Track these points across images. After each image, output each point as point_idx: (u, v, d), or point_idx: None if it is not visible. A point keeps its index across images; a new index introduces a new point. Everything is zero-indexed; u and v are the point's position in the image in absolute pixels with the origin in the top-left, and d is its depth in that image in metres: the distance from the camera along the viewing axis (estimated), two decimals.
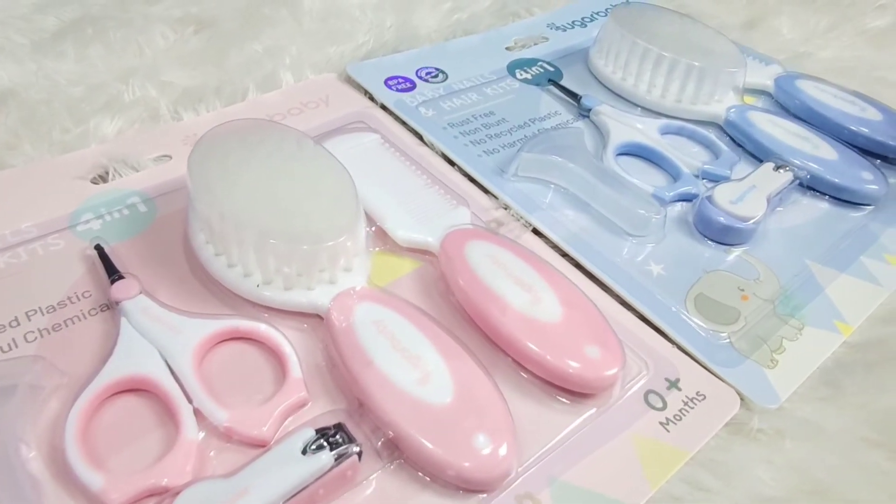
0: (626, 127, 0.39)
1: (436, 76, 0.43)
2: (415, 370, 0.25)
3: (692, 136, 0.41)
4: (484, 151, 0.37)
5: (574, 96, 0.42)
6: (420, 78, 0.42)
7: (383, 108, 0.40)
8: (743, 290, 0.31)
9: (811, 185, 0.37)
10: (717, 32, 0.43)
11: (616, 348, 0.27)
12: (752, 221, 0.33)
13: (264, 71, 0.42)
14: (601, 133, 0.40)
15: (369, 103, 0.40)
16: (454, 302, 0.29)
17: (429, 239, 0.31)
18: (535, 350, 0.26)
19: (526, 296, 0.28)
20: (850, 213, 0.37)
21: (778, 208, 0.36)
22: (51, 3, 0.46)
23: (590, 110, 0.41)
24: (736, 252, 0.33)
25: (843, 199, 0.37)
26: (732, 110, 0.41)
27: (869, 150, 0.40)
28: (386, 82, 0.41)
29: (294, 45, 0.44)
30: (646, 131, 0.39)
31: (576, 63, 0.46)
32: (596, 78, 0.44)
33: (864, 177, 0.37)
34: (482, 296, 0.28)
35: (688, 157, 0.38)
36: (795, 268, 0.33)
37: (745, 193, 0.34)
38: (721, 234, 0.33)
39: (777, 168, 0.36)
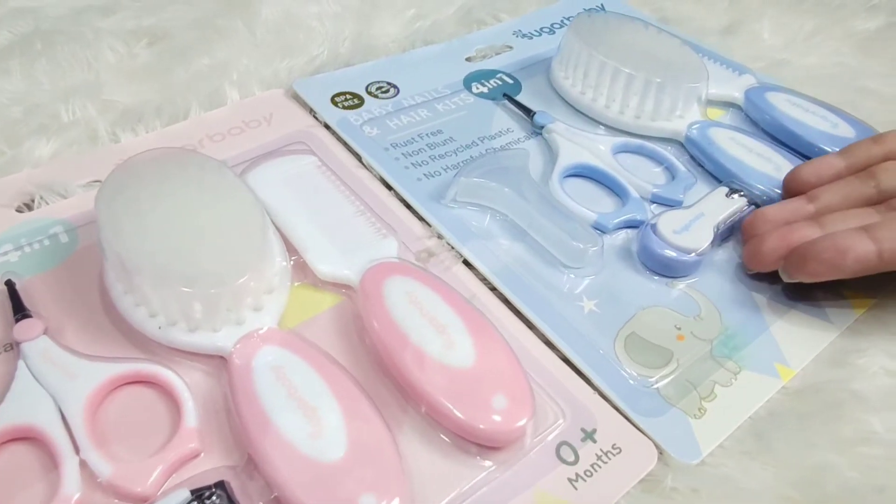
0: (577, 147, 0.37)
1: (387, 91, 0.41)
2: (308, 423, 0.24)
3: (651, 156, 0.39)
4: (424, 174, 0.36)
5: (528, 112, 0.40)
6: (370, 93, 0.41)
7: (327, 126, 0.39)
8: (680, 328, 0.30)
9: None
10: (681, 43, 0.41)
11: (526, 398, 0.26)
12: (695, 254, 0.31)
13: (209, 87, 0.41)
14: (553, 153, 0.38)
15: (314, 122, 0.39)
16: (370, 343, 0.28)
17: (349, 273, 0.30)
18: (441, 402, 0.25)
19: (439, 339, 0.27)
20: None
21: (728, 237, 0.34)
22: (4, 15, 0.45)
23: (543, 128, 0.39)
24: (679, 286, 0.32)
25: None
26: (695, 127, 0.39)
27: None
28: (333, 99, 0.40)
29: (245, 58, 0.43)
30: (598, 151, 0.37)
31: (538, 74, 0.44)
32: (557, 92, 0.43)
33: None
34: (393, 339, 0.27)
35: (643, 178, 0.36)
36: (742, 303, 0.31)
37: (692, 222, 0.32)
38: (663, 267, 0.32)
39: (731, 193, 0.34)
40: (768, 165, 0.36)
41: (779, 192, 0.35)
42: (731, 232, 0.34)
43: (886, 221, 0.29)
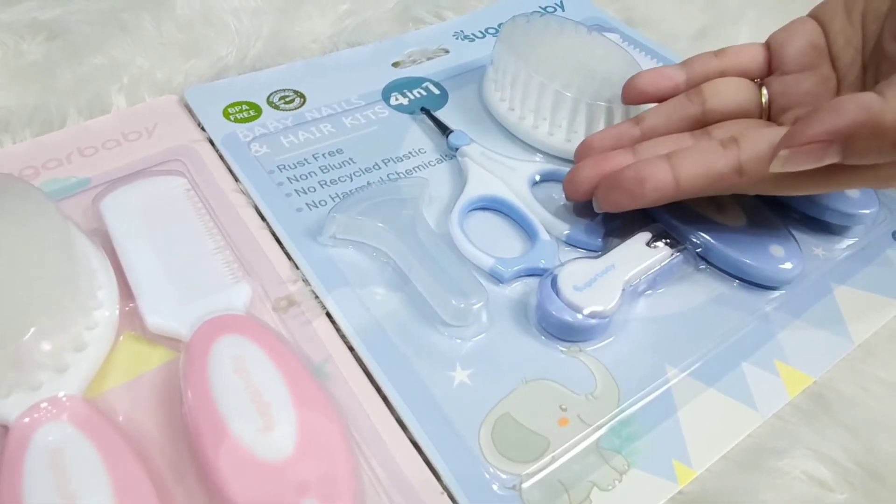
0: (489, 175, 0.32)
1: (291, 101, 0.37)
2: None
3: None
4: (308, 204, 0.31)
5: (444, 130, 0.35)
6: (270, 104, 0.37)
7: (212, 141, 0.35)
8: (565, 409, 0.25)
9: (705, 257, 0.30)
10: (625, 53, 0.35)
11: (347, 498, 0.21)
12: (596, 317, 0.26)
13: (94, 91, 0.37)
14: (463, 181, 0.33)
15: (201, 135, 0.35)
16: (182, 417, 0.24)
17: (179, 327, 0.25)
18: (239, 502, 0.21)
19: (256, 421, 0.22)
20: (750, 298, 0.29)
21: (648, 291, 0.29)
22: None
23: (457, 150, 0.34)
24: (576, 352, 0.27)
25: (743, 279, 0.30)
26: None
27: (802, 212, 0.32)
28: (227, 109, 0.36)
29: (141, 58, 0.39)
30: (514, 180, 0.32)
31: (470, 84, 0.39)
32: (486, 106, 0.37)
33: (773, 252, 0.29)
34: (203, 417, 0.23)
35: (563, 215, 0.31)
36: (650, 377, 0.26)
37: (599, 276, 0.27)
38: (558, 330, 0.27)
39: (654, 240, 0.29)
40: (709, 205, 0.31)
41: (710, 238, 0.30)
42: (654, 285, 0.29)
43: (690, 149, 0.28)
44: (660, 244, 0.29)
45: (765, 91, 0.32)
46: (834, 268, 0.31)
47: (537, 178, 0.33)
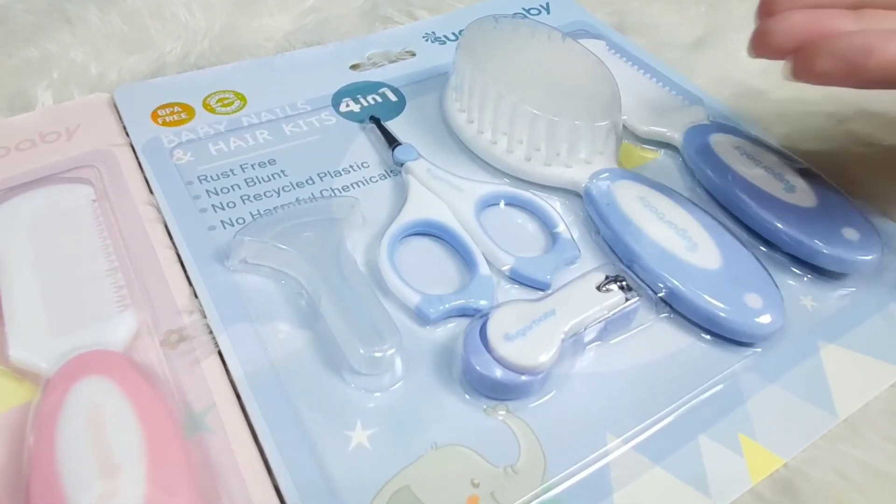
0: (431, 197, 0.29)
1: (230, 104, 0.33)
2: None
3: (536, 213, 0.29)
4: (224, 221, 0.28)
5: (392, 142, 0.31)
6: (207, 106, 0.33)
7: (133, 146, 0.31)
8: (477, 484, 0.21)
9: (670, 303, 0.26)
10: (598, 64, 0.31)
11: None
12: (527, 373, 0.22)
13: (20, 86, 0.34)
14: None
15: (124, 139, 0.32)
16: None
17: (43, 364, 0.22)
18: None
19: (98, 487, 0.19)
20: (718, 355, 0.25)
21: (597, 342, 0.25)
22: None
23: (403, 165, 0.30)
24: (501, 412, 0.23)
25: (712, 331, 0.25)
26: (600, 177, 0.29)
27: (789, 253, 0.28)
28: (157, 111, 0.33)
29: (79, 52, 0.36)
30: (459, 202, 0.28)
31: (432, 91, 0.35)
32: (445, 117, 0.34)
33: (749, 302, 0.25)
34: (38, 477, 0.19)
35: (511, 245, 0.27)
36: (589, 446, 0.22)
37: (537, 322, 0.23)
38: (482, 387, 0.23)
39: (606, 283, 0.25)
40: (679, 242, 0.27)
41: (678, 283, 0.25)
42: (604, 335, 0.25)
43: None
44: (614, 287, 0.25)
45: None
46: (823, 322, 0.26)
47: (490, 201, 0.29)
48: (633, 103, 0.33)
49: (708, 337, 0.25)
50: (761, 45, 0.26)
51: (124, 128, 0.32)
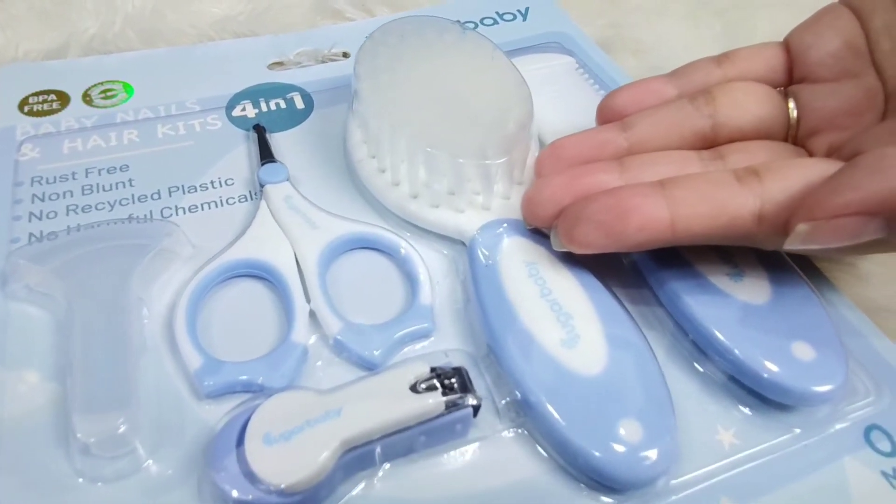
0: (276, 230, 0.23)
1: (112, 96, 0.30)
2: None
3: (402, 266, 0.23)
4: (33, 233, 0.24)
5: (264, 158, 0.26)
6: (86, 97, 0.29)
7: None
8: None
9: (524, 414, 0.19)
10: (521, 83, 0.25)
11: None
12: (278, 494, 0.17)
13: None
14: None
15: None
16: None
17: None
18: None
19: None
20: (571, 495, 0.18)
21: (398, 458, 0.19)
22: None
23: (263, 187, 0.25)
24: None
25: (573, 466, 0.19)
26: (497, 230, 0.23)
27: (726, 373, 0.20)
28: (29, 98, 0.29)
29: None
30: (307, 243, 0.23)
31: (347, 100, 0.30)
32: (344, 131, 0.28)
33: (626, 435, 0.18)
34: None
35: (346, 304, 0.22)
36: None
37: (310, 424, 0.17)
38: (221, 503, 0.17)
39: (426, 380, 0.18)
40: (555, 334, 0.20)
41: (543, 398, 0.19)
42: (414, 448, 0.19)
43: (695, 178, 0.20)
44: (434, 384, 0.18)
45: (792, 104, 0.23)
46: (737, 474, 0.19)
47: (351, 244, 0.24)
48: None
49: (557, 468, 0.19)
50: (529, 216, 0.22)
51: None
